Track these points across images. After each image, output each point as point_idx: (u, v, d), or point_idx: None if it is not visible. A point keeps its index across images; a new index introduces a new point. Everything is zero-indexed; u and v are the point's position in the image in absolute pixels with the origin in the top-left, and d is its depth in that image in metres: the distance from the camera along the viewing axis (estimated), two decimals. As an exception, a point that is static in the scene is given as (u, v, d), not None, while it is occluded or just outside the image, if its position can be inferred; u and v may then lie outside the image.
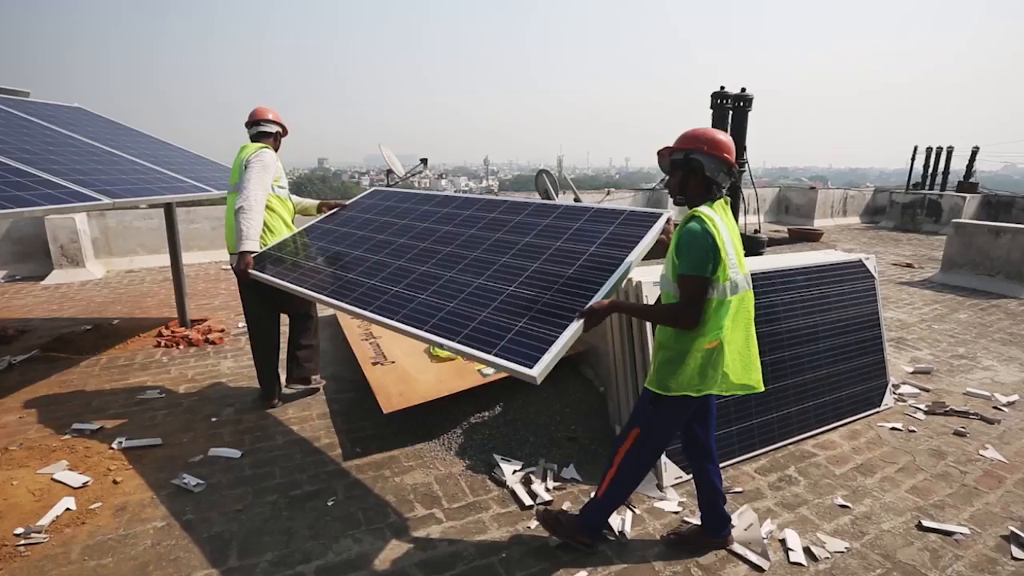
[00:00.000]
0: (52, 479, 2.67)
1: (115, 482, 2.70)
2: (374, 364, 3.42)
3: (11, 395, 3.63)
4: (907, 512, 2.57)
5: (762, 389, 2.17)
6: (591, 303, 2.08)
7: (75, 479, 2.68)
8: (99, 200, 3.34)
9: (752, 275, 3.11)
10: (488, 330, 2.15)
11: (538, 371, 1.91)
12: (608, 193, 11.15)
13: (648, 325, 2.74)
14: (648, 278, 2.81)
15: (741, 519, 2.44)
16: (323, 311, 3.80)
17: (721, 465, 2.85)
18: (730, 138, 2.09)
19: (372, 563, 2.21)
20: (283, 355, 3.62)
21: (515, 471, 2.79)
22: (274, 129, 3.51)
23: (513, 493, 2.64)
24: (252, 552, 2.27)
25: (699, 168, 2.02)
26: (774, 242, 4.64)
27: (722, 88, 4.32)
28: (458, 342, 2.12)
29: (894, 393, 3.71)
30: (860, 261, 3.63)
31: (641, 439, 2.14)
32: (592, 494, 2.60)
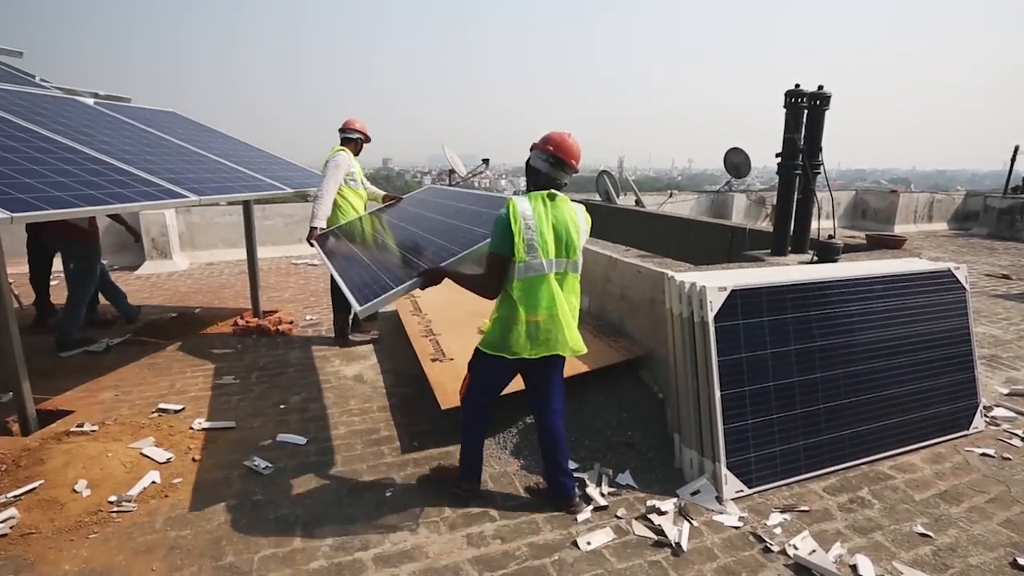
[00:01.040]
0: (141, 453, 2.90)
1: (194, 460, 2.90)
2: (433, 360, 3.49)
3: (108, 374, 3.98)
4: (999, 548, 2.35)
5: (583, 351, 2.40)
6: (431, 268, 2.50)
7: (160, 455, 2.90)
8: (188, 197, 3.60)
9: (826, 283, 2.97)
10: (369, 281, 2.78)
11: (360, 308, 2.50)
12: (671, 195, 10.87)
13: (711, 334, 2.65)
14: (712, 283, 2.72)
15: (804, 543, 2.32)
16: (392, 306, 3.93)
17: (786, 481, 2.73)
18: (564, 137, 2.36)
19: (427, 555, 2.26)
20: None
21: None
22: (355, 135, 4.50)
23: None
24: (315, 535, 2.37)
25: (529, 161, 2.41)
26: (850, 248, 4.34)
27: (797, 86, 4.10)
28: (348, 288, 2.79)
29: (985, 416, 3.40)
30: (948, 270, 3.36)
31: (471, 383, 2.53)
32: (648, 502, 2.56)
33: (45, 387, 3.63)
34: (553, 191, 2.35)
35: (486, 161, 8.77)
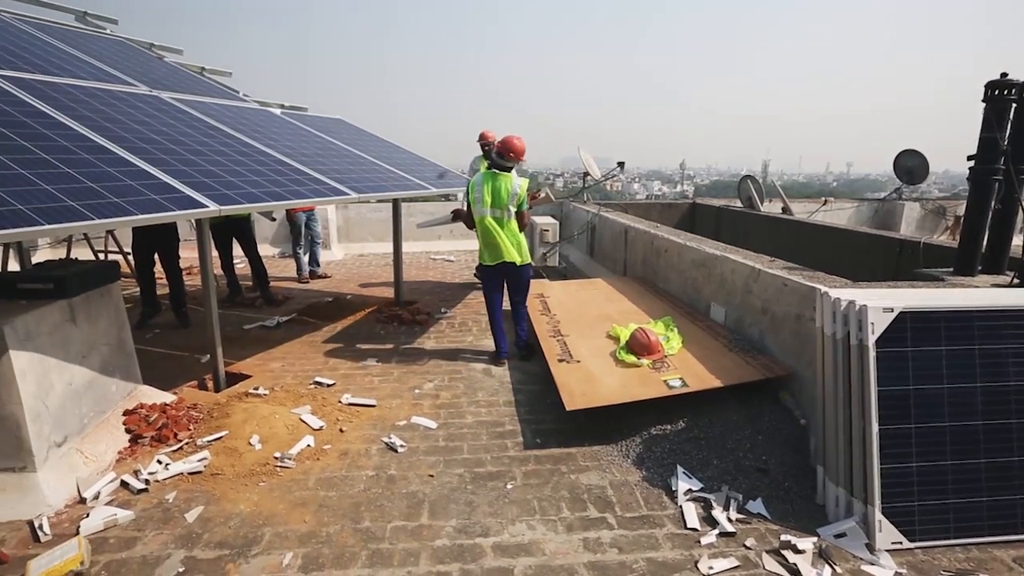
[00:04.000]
0: (300, 419, 3.30)
1: (341, 431, 3.24)
2: (560, 361, 3.53)
3: (277, 347, 4.60)
4: None
5: (517, 261, 4.05)
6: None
7: (315, 422, 3.28)
8: (349, 195, 4.03)
9: (1012, 311, 2.47)
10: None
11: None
12: (825, 203, 9.80)
13: (871, 360, 2.35)
14: (875, 303, 2.42)
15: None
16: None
17: (961, 541, 2.34)
18: (508, 138, 4.03)
19: (543, 552, 2.30)
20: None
21: (689, 490, 2.65)
22: (487, 148, 5.65)
23: (682, 512, 2.51)
24: (440, 515, 2.53)
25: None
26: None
27: (1004, 76, 3.45)
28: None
29: None
30: None
31: (483, 286, 4.32)
32: (782, 536, 2.35)
33: (230, 353, 4.29)
34: (495, 171, 4.01)
35: (621, 164, 8.61)
